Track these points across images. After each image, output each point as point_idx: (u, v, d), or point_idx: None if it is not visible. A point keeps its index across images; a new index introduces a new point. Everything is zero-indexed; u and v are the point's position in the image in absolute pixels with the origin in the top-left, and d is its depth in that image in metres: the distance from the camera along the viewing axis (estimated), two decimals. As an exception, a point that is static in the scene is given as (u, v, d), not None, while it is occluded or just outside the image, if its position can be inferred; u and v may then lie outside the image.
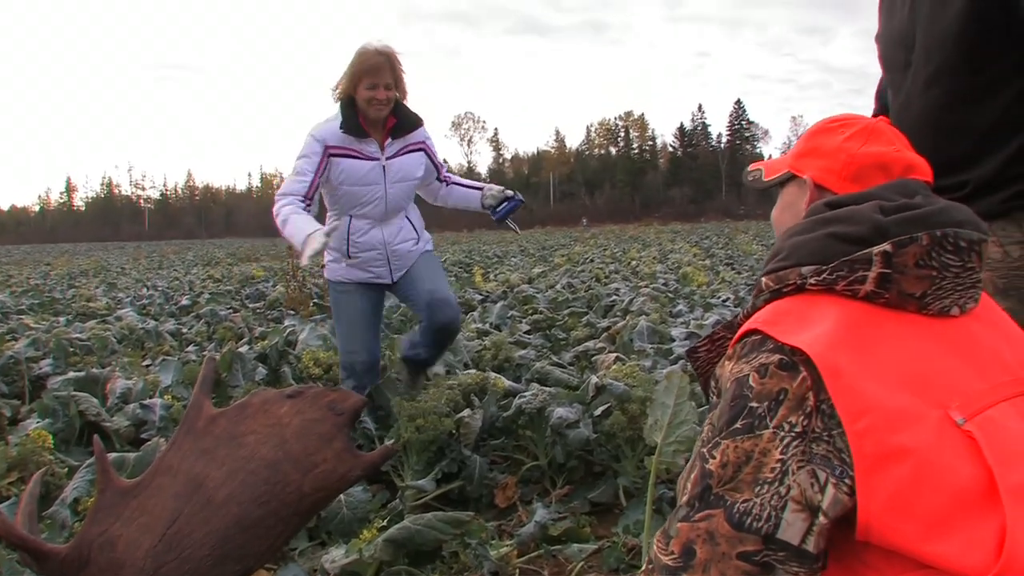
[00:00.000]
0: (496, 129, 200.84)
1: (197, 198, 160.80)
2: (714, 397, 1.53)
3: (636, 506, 3.77)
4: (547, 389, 4.70)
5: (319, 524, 3.64)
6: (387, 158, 4.60)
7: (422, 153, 4.81)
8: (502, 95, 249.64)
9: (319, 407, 2.08)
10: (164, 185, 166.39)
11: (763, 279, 1.60)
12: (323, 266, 4.96)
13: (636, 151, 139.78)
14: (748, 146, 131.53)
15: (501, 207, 4.92)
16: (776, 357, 1.41)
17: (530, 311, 10.30)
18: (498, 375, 5.37)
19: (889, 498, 1.29)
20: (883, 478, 1.29)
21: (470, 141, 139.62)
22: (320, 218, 4.48)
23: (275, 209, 4.34)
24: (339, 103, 4.54)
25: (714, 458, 1.39)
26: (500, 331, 8.27)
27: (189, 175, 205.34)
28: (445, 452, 4.24)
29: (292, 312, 11.22)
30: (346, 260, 4.71)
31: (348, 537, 3.46)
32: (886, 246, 1.46)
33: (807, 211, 1.71)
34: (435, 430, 4.11)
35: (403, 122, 4.62)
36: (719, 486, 1.37)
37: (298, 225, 4.13)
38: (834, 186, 1.73)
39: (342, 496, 3.62)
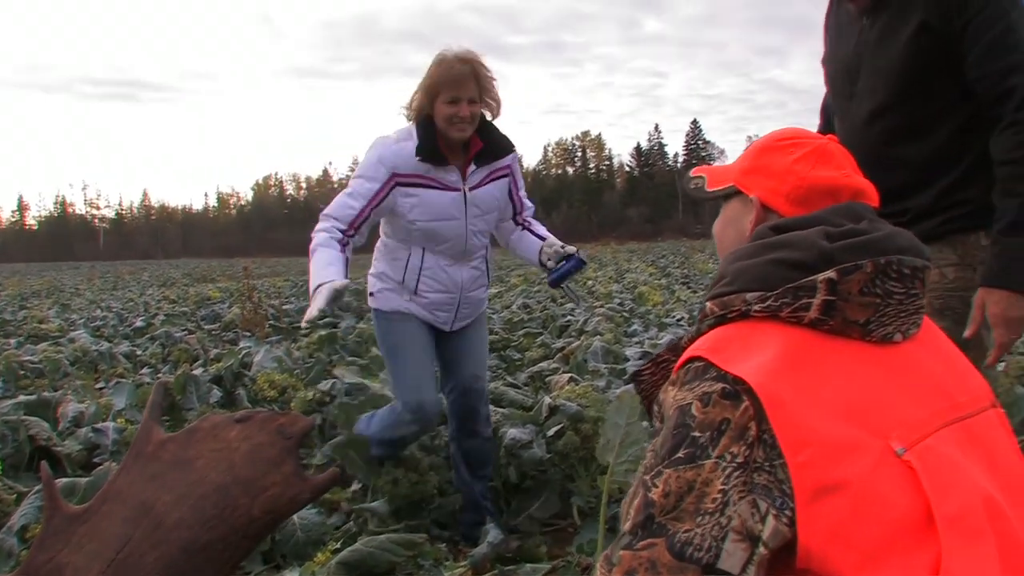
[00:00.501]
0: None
1: (153, 217, 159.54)
2: (657, 422, 1.53)
3: (590, 525, 3.80)
4: (501, 410, 4.73)
5: (273, 547, 3.64)
6: (470, 188, 3.82)
7: (507, 181, 4.02)
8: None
9: (268, 431, 2.09)
10: (119, 204, 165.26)
11: (708, 304, 1.60)
12: (371, 295, 4.10)
13: (593, 171, 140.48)
14: (696, 161, 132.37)
15: (559, 267, 3.89)
16: (719, 386, 1.41)
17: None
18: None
19: (828, 529, 1.30)
20: (823, 510, 1.30)
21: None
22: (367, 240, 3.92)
23: (313, 232, 3.70)
24: (414, 125, 3.76)
25: (656, 487, 1.39)
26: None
27: (145, 194, 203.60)
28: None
29: (248, 334, 11.16)
30: (409, 297, 3.93)
31: (302, 560, 3.46)
32: (831, 273, 1.46)
33: (752, 234, 1.71)
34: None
35: (491, 146, 3.84)
36: (661, 515, 1.37)
37: (318, 264, 3.52)
38: (781, 208, 1.71)
39: (296, 518, 3.62)
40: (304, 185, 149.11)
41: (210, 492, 2.06)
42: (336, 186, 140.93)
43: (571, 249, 3.91)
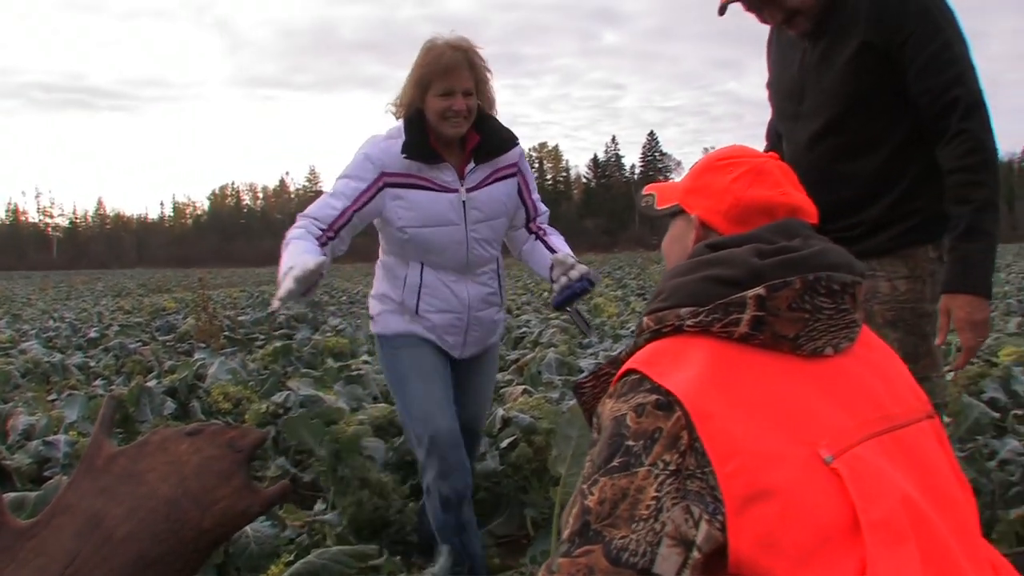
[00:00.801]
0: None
1: (108, 226, 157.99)
2: (595, 433, 1.56)
3: (543, 536, 3.81)
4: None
5: (227, 559, 3.62)
6: (468, 189, 3.41)
7: (515, 180, 3.57)
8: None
9: (218, 444, 2.10)
10: (73, 213, 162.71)
11: (645, 319, 1.64)
12: (372, 319, 3.70)
13: (550, 182, 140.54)
14: (661, 177, 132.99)
15: (566, 287, 3.28)
16: (653, 397, 1.45)
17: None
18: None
19: (758, 535, 1.34)
20: (752, 517, 1.34)
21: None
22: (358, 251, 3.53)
23: (287, 232, 3.24)
24: (403, 121, 3.36)
25: (593, 495, 1.43)
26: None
27: (100, 202, 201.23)
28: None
29: (203, 345, 11.09)
30: (411, 318, 3.49)
31: (256, 572, 3.44)
32: (760, 290, 1.50)
33: (691, 251, 1.77)
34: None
35: (490, 140, 3.43)
36: (597, 522, 1.40)
37: (292, 252, 3.03)
38: (719, 226, 1.77)
39: (249, 531, 3.61)
40: (261, 195, 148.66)
41: (160, 505, 2.07)
42: (293, 196, 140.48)
43: (582, 268, 3.30)
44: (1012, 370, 6.72)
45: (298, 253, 2.98)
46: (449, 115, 3.25)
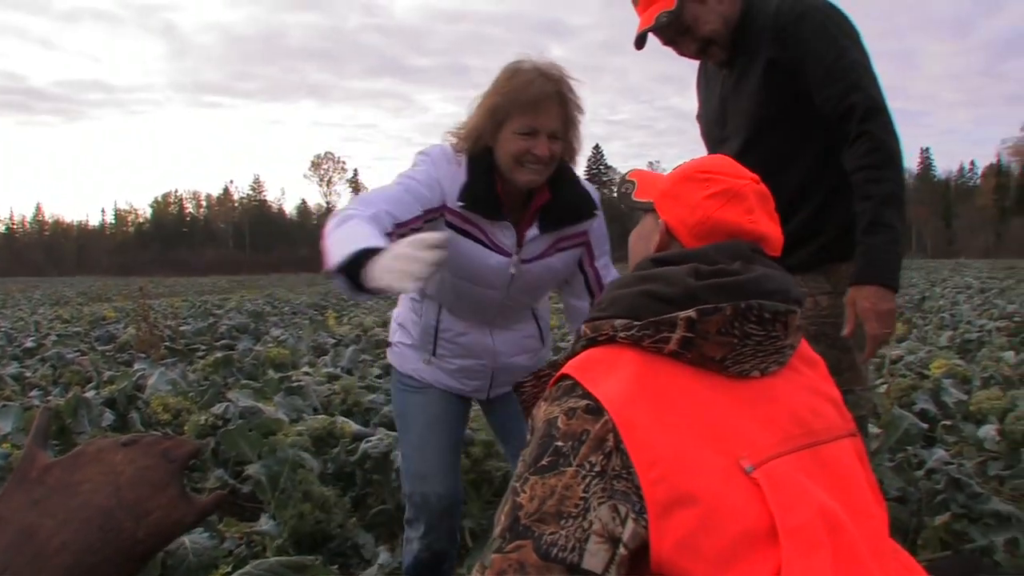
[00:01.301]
0: (356, 170, 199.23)
1: (47, 233, 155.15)
2: (529, 434, 1.60)
3: (481, 547, 3.84)
4: (393, 433, 4.76)
5: (165, 571, 3.61)
6: (523, 260, 2.84)
7: (578, 252, 2.99)
8: (362, 135, 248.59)
9: (153, 455, 2.12)
10: (10, 218, 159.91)
11: (583, 326, 1.68)
12: (388, 345, 3.29)
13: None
14: (606, 190, 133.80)
15: None
16: (584, 402, 1.49)
17: (381, 355, 10.26)
18: (346, 419, 5.39)
19: (678, 540, 1.38)
20: (674, 522, 1.38)
21: (329, 182, 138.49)
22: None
23: (334, 217, 2.43)
24: (466, 156, 2.76)
25: (524, 493, 1.47)
26: (351, 375, 8.25)
27: (38, 208, 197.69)
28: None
29: (143, 355, 10.97)
30: (428, 359, 3.07)
31: (193, 584, 3.46)
32: (691, 312, 1.53)
33: (636, 264, 1.83)
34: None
35: (563, 203, 2.83)
36: (528, 519, 1.45)
37: (354, 236, 2.25)
38: (683, 238, 1.79)
39: (188, 542, 3.60)
40: (205, 203, 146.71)
41: (95, 516, 2.08)
42: (237, 205, 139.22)
43: None
44: (942, 382, 6.89)
45: (372, 239, 2.23)
46: (527, 160, 2.66)
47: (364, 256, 2.09)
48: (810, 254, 2.98)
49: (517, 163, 2.65)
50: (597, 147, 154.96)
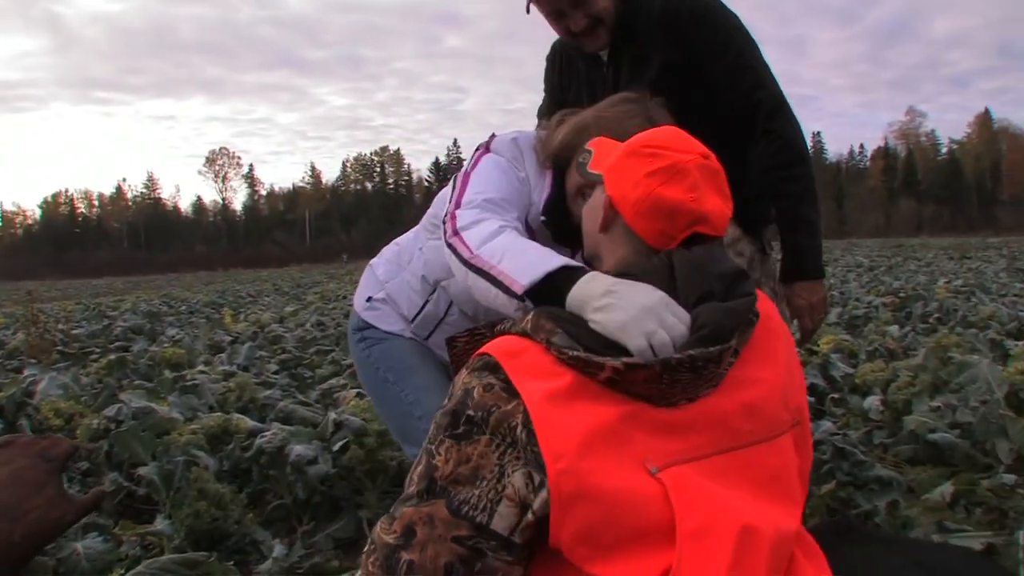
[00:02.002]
0: (251, 165, 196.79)
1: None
2: (447, 398, 1.63)
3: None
4: (287, 428, 4.75)
5: (56, 577, 3.59)
6: None
7: None
8: (257, 129, 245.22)
9: (29, 455, 2.10)
10: None
11: (531, 316, 1.66)
12: (367, 300, 3.03)
13: (392, 186, 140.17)
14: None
15: None
16: (501, 383, 1.54)
17: (279, 351, 10.30)
18: (241, 416, 5.34)
19: (577, 531, 1.43)
20: (574, 514, 1.43)
21: (225, 178, 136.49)
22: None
23: (473, 229, 2.18)
24: (551, 169, 2.55)
25: (440, 455, 1.53)
26: (247, 372, 8.19)
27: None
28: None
29: (34, 361, 10.71)
30: (418, 337, 2.93)
31: (86, 588, 3.42)
32: (617, 364, 1.51)
33: (600, 227, 1.85)
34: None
35: None
36: (443, 480, 1.50)
37: (529, 246, 2.07)
38: (625, 214, 1.78)
39: (80, 547, 3.56)
40: (97, 203, 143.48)
41: (-30, 520, 2.06)
42: (131, 204, 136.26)
43: None
44: (831, 357, 7.10)
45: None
46: None
47: (563, 275, 1.83)
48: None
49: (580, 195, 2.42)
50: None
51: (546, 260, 1.90)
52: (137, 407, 5.53)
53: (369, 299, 3.00)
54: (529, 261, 1.93)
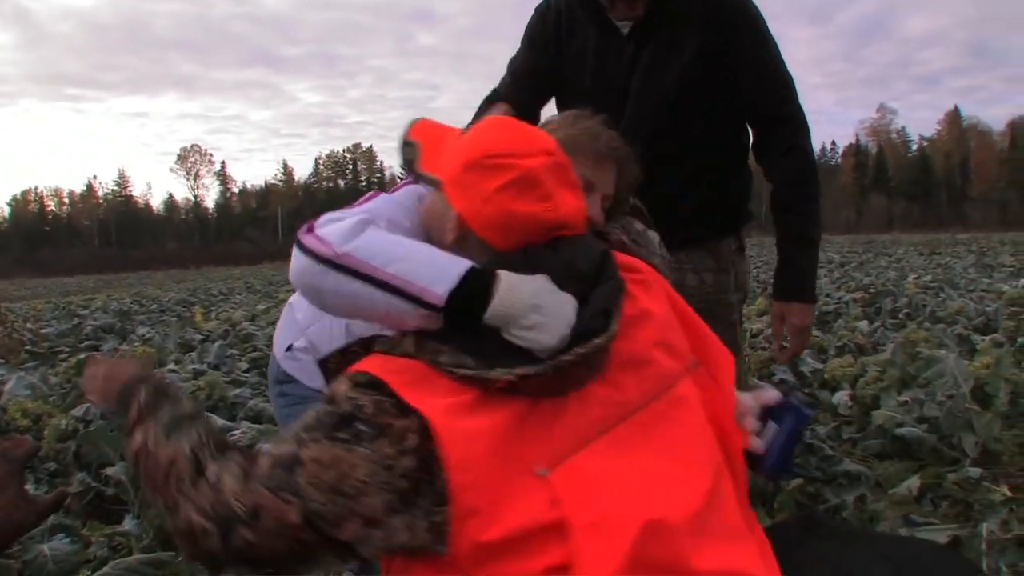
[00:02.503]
0: (223, 162, 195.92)
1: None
2: (323, 404, 1.58)
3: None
4: (257, 426, 4.74)
5: (23, 581, 3.56)
6: None
7: None
8: (230, 127, 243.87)
9: (-10, 457, 2.08)
10: None
11: (409, 337, 1.64)
12: (288, 350, 2.78)
13: (364, 183, 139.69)
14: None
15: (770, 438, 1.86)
16: (393, 400, 1.50)
17: (249, 348, 10.24)
18: (211, 415, 5.33)
19: (472, 542, 1.42)
20: (471, 527, 1.42)
21: (197, 175, 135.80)
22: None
23: (330, 225, 1.82)
24: None
25: (310, 449, 1.48)
26: (218, 370, 8.12)
27: None
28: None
29: (1, 361, 10.64)
30: None
31: (53, 592, 3.39)
32: (511, 378, 1.50)
33: (451, 241, 1.76)
34: None
35: None
36: (304, 477, 1.46)
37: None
38: (479, 232, 1.67)
39: (47, 549, 3.54)
40: (68, 200, 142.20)
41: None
42: (102, 202, 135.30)
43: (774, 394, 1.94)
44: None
45: None
46: None
47: (474, 280, 1.63)
48: (699, 232, 3.04)
49: None
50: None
51: (451, 262, 1.65)
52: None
53: (289, 347, 2.77)
54: (428, 262, 1.65)
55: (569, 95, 3.14)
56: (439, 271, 1.61)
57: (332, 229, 1.70)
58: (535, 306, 1.56)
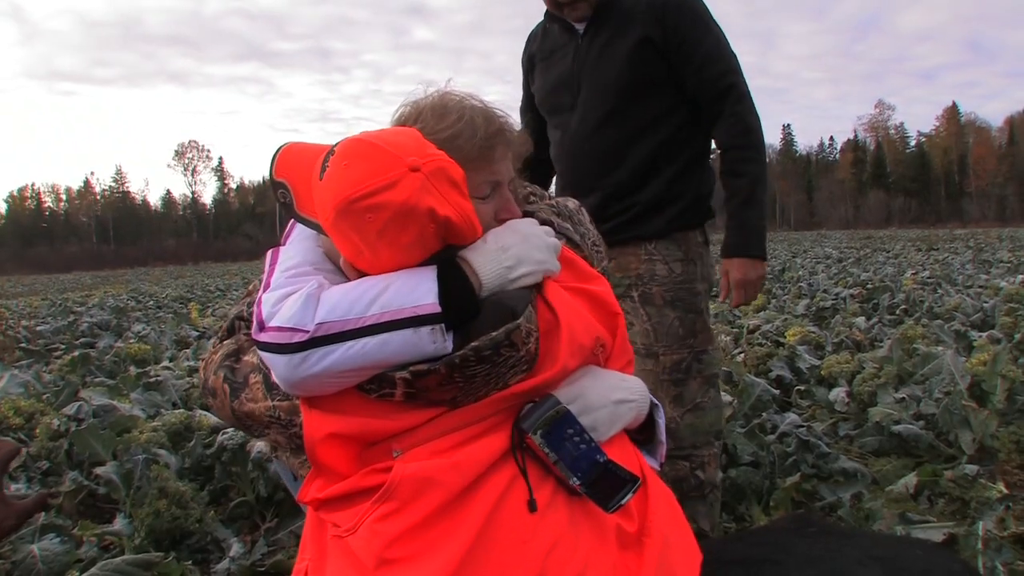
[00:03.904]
0: (221, 158, 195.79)
1: None
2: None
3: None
4: (248, 425, 4.70)
5: (12, 582, 3.53)
6: None
7: None
8: (227, 122, 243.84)
9: (-30, 459, 2.05)
10: None
11: None
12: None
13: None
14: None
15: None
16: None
17: (246, 344, 10.12)
18: (205, 412, 5.26)
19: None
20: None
21: (194, 171, 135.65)
22: None
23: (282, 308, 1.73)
24: None
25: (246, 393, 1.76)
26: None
27: None
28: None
29: (-4, 358, 10.62)
30: None
31: (42, 592, 3.37)
32: (405, 374, 1.53)
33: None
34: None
35: None
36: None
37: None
38: (373, 271, 1.62)
39: (36, 549, 3.51)
40: (64, 197, 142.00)
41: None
42: (99, 198, 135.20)
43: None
44: (797, 349, 7.12)
45: None
46: None
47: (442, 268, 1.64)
48: (665, 222, 3.15)
49: None
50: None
51: (414, 274, 1.61)
52: (98, 405, 5.48)
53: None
54: (397, 287, 1.59)
55: (536, 95, 3.45)
56: (413, 286, 1.58)
57: (288, 313, 1.59)
58: (500, 247, 1.65)
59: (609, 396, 1.76)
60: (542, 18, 3.42)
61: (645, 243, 3.13)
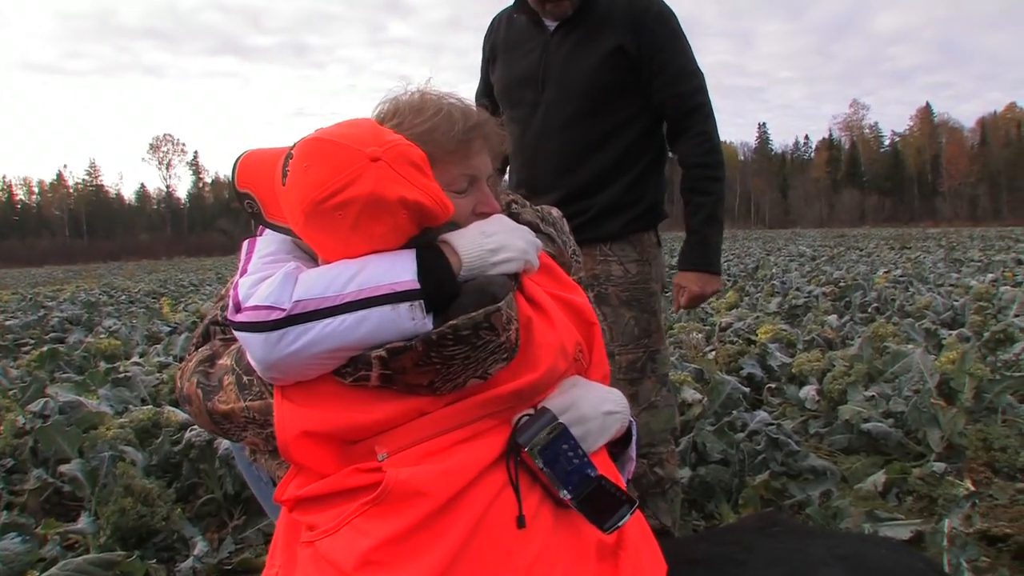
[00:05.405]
0: (196, 152, 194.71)
1: None
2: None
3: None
4: (218, 422, 4.67)
5: (-34, 586, 3.48)
6: None
7: None
8: (202, 117, 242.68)
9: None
10: None
11: None
12: None
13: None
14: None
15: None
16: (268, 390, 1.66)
17: (218, 341, 10.06)
18: (173, 409, 5.21)
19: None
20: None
21: (169, 164, 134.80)
22: None
23: (261, 287, 1.76)
24: None
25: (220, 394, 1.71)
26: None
27: None
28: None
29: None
30: None
31: (2, 592, 3.33)
32: (381, 352, 1.51)
33: None
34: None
35: None
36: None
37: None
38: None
39: (-4, 549, 3.47)
40: (37, 190, 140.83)
41: None
42: (72, 191, 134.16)
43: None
44: (768, 347, 7.14)
45: None
46: None
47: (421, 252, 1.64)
48: (622, 225, 3.18)
49: None
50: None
51: (393, 254, 1.62)
52: (64, 401, 5.42)
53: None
54: (375, 265, 1.59)
55: (496, 84, 3.42)
56: (391, 264, 1.58)
57: (265, 292, 1.58)
58: (482, 233, 1.68)
59: (599, 407, 1.78)
60: (509, 5, 3.39)
61: (601, 244, 3.18)
